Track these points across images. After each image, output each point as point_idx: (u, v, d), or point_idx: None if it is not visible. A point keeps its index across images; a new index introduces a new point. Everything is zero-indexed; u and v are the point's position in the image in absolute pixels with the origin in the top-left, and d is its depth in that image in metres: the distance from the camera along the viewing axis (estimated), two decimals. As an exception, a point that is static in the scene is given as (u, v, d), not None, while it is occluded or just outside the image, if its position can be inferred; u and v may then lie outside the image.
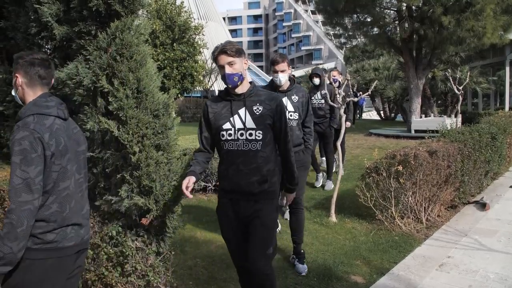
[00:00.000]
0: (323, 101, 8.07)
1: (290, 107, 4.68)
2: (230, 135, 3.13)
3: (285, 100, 4.59)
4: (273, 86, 4.78)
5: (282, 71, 4.62)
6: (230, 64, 3.10)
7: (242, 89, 3.19)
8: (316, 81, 8.11)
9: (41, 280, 2.35)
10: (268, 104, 3.18)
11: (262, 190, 3.17)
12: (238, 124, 3.13)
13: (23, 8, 3.98)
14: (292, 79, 4.87)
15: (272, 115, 3.16)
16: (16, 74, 2.47)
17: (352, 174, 9.33)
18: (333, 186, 8.14)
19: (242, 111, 3.14)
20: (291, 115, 4.66)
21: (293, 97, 4.74)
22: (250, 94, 3.19)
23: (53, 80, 2.58)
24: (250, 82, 3.28)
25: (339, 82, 8.74)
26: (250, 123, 3.12)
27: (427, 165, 5.96)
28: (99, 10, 3.44)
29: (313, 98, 8.07)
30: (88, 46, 3.47)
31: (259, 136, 3.11)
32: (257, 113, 3.13)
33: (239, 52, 3.13)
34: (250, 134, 3.11)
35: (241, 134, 3.11)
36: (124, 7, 3.51)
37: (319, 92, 8.05)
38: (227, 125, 3.14)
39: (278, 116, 3.19)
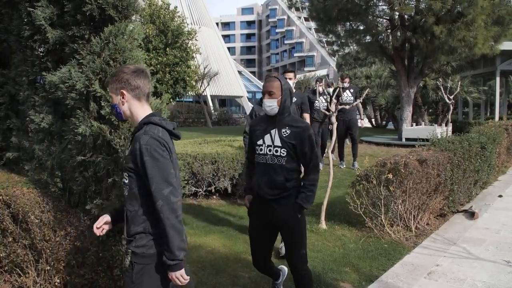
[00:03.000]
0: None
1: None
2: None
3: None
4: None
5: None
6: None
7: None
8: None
9: None
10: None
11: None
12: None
13: (17, 10, 3.99)
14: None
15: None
16: None
17: (343, 181, 9.36)
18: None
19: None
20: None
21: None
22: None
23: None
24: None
25: None
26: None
27: (417, 173, 5.99)
28: (93, 14, 3.46)
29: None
30: (82, 50, 3.48)
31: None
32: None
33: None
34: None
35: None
36: (118, 12, 3.52)
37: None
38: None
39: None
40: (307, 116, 7.53)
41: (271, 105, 3.57)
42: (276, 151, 3.55)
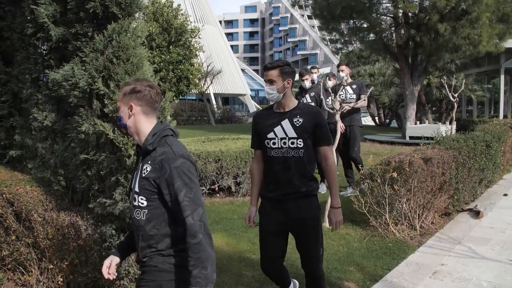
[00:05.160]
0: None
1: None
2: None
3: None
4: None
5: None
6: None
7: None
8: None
9: None
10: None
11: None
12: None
13: (20, 8, 3.97)
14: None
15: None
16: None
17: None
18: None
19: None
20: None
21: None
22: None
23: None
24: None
25: None
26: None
27: (421, 172, 5.96)
28: (96, 12, 3.43)
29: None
30: (85, 48, 3.46)
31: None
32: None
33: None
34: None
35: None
36: (121, 9, 3.50)
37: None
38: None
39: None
40: None
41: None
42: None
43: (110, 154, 3.51)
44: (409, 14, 16.42)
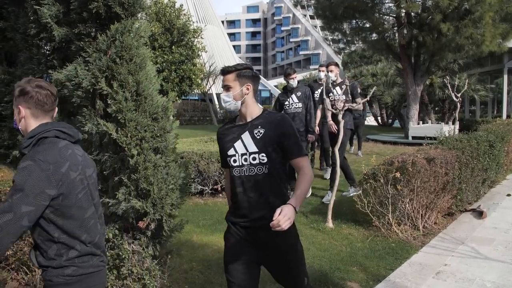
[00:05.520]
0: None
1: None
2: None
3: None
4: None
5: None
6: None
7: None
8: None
9: None
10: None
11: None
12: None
13: (23, 9, 3.97)
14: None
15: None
16: None
17: (349, 180, 9.31)
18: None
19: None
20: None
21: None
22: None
23: None
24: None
25: None
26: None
27: (424, 172, 5.95)
28: (99, 12, 3.43)
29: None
30: (88, 48, 3.45)
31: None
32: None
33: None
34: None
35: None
36: (124, 9, 3.50)
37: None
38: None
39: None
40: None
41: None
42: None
43: (113, 154, 3.51)
44: (412, 14, 16.40)
